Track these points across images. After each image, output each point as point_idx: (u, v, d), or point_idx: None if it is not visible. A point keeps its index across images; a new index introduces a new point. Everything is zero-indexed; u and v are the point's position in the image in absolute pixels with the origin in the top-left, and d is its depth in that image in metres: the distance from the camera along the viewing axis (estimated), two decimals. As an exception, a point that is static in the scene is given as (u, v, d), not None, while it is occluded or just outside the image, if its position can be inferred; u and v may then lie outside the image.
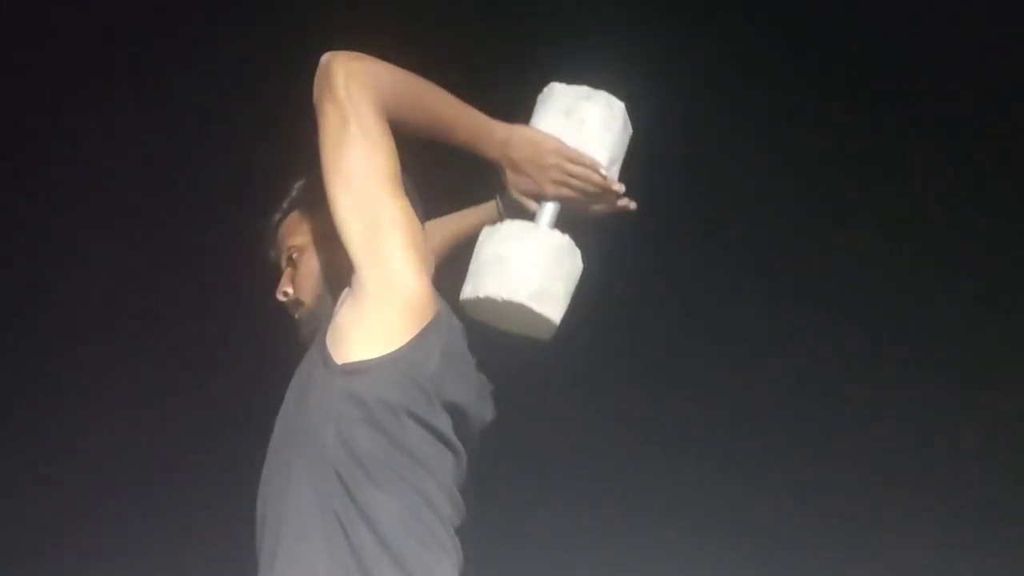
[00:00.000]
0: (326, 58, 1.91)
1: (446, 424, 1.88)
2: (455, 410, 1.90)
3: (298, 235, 2.07)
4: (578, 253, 1.96)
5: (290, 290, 2.06)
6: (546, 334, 1.95)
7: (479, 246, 1.95)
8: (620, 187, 2.03)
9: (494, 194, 2.12)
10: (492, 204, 2.14)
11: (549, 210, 2.00)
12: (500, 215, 2.08)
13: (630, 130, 2.05)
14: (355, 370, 1.82)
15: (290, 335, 2.06)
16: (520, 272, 1.90)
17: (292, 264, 2.07)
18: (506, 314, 1.92)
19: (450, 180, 2.06)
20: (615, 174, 2.03)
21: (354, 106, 1.87)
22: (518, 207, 2.01)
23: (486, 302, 1.91)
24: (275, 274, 2.10)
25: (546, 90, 2.03)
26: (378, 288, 1.84)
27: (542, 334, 1.95)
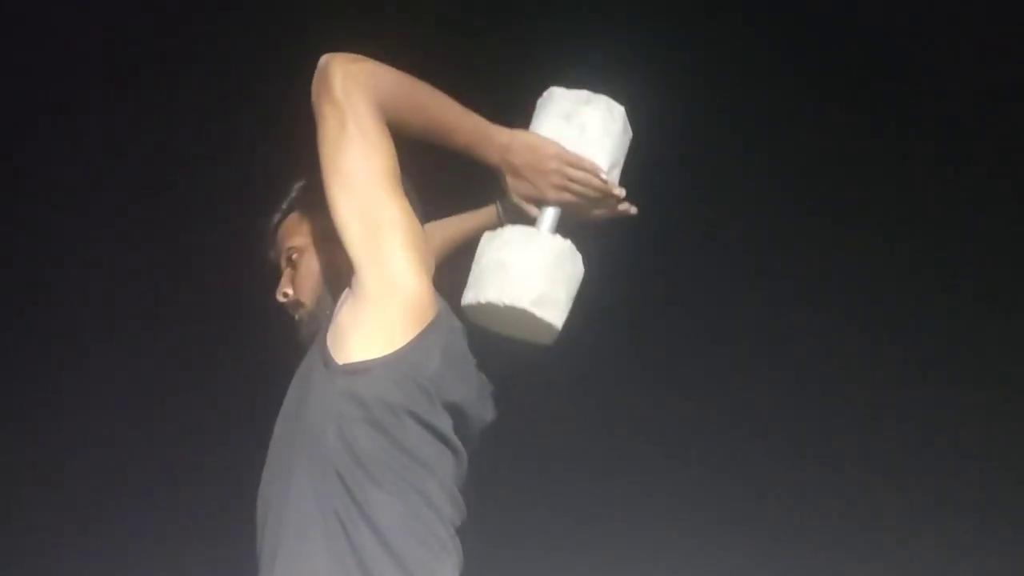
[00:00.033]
0: (324, 60, 1.91)
1: (446, 424, 1.88)
2: (455, 410, 1.90)
3: (298, 236, 2.07)
4: (579, 258, 1.96)
5: (290, 291, 2.06)
6: (548, 339, 1.95)
7: (480, 252, 1.94)
8: (621, 191, 2.02)
9: (494, 198, 2.12)
10: (492, 208, 2.14)
11: (550, 215, 1.99)
12: (500, 220, 2.07)
13: (630, 134, 2.04)
14: (356, 370, 1.82)
15: (290, 336, 2.06)
16: (522, 277, 1.89)
17: (292, 265, 2.07)
18: (508, 320, 1.91)
19: (449, 182, 2.06)
20: (616, 178, 2.02)
21: (352, 107, 1.87)
22: (518, 212, 2.01)
23: (488, 308, 1.90)
24: (275, 275, 2.10)
25: (546, 94, 2.03)
26: (378, 288, 1.84)
27: (544, 339, 1.95)
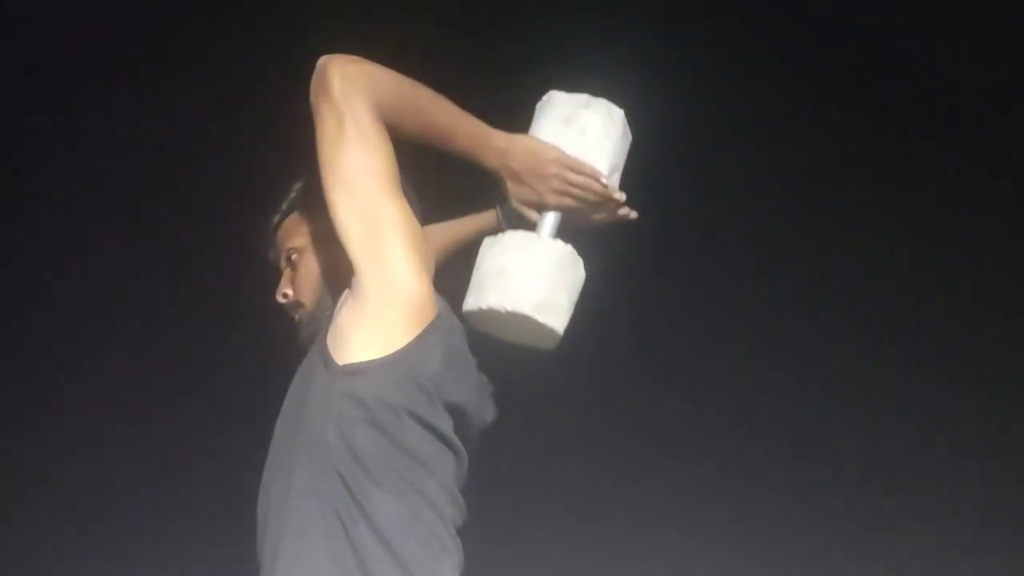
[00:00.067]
0: (322, 61, 1.91)
1: (447, 424, 1.89)
2: (456, 410, 1.90)
3: (297, 236, 2.07)
4: (580, 262, 1.95)
5: (290, 292, 2.06)
6: (550, 344, 1.94)
7: (480, 257, 1.94)
8: (621, 196, 2.02)
9: (493, 202, 2.11)
10: (491, 212, 2.14)
11: (550, 220, 1.98)
12: (500, 225, 2.07)
13: (630, 137, 2.04)
14: (356, 371, 1.82)
15: (290, 336, 2.06)
16: (523, 283, 1.89)
17: (291, 265, 2.07)
18: (509, 325, 1.91)
19: (448, 186, 2.05)
20: (616, 182, 2.02)
21: (350, 108, 1.87)
22: (518, 217, 2.00)
23: (489, 313, 1.90)
24: (275, 275, 2.10)
25: (545, 98, 2.02)
26: (378, 289, 1.84)
27: (546, 344, 1.94)
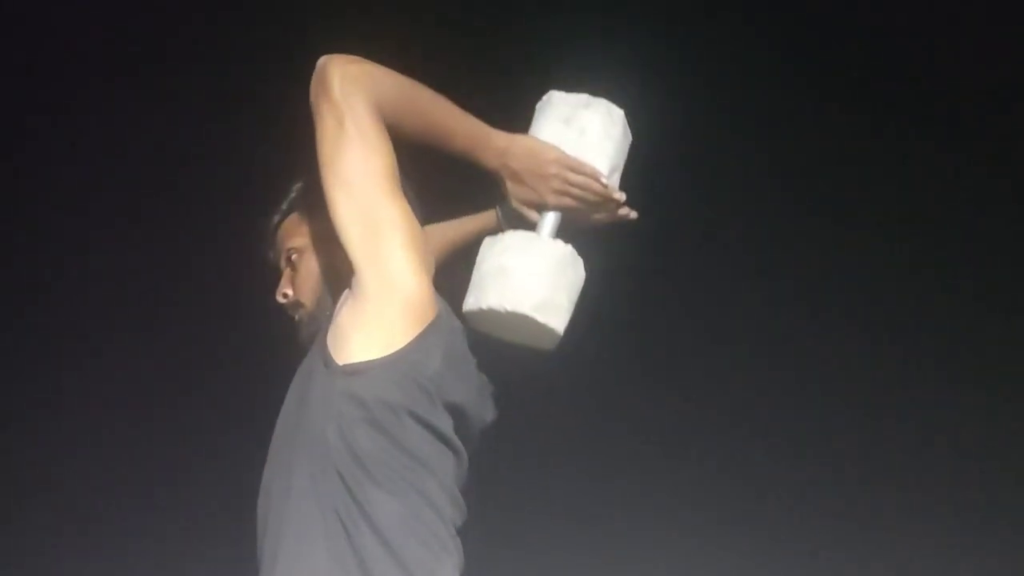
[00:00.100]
0: (322, 61, 1.91)
1: (447, 424, 1.88)
2: (456, 410, 1.90)
3: (297, 236, 2.07)
4: (580, 263, 1.95)
5: (290, 292, 2.06)
6: (550, 345, 1.94)
7: (480, 257, 1.94)
8: (621, 196, 2.01)
9: (493, 202, 2.11)
10: (491, 212, 2.14)
11: (550, 220, 1.98)
12: (500, 225, 2.07)
13: (630, 137, 2.03)
14: (356, 371, 1.82)
15: (290, 336, 2.06)
16: (523, 283, 1.88)
17: (291, 266, 2.07)
18: (509, 325, 1.91)
19: (448, 186, 2.05)
20: (616, 182, 2.01)
21: (350, 108, 1.87)
22: (518, 217, 2.00)
23: (489, 314, 1.90)
24: (275, 275, 2.10)
25: (545, 98, 2.02)
26: (378, 289, 1.84)
27: (545, 344, 1.94)
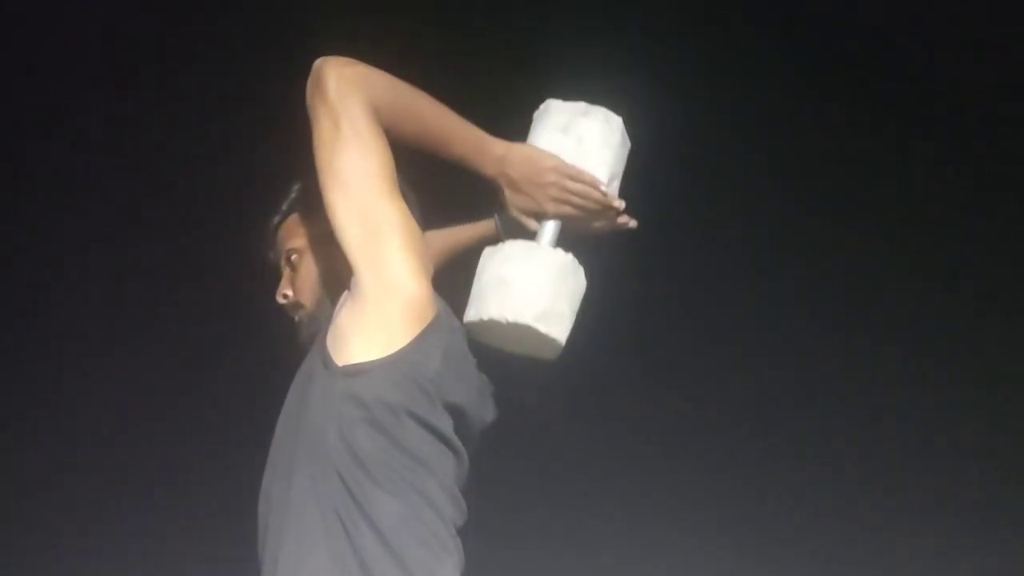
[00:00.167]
0: (318, 63, 1.91)
1: (447, 424, 1.88)
2: (456, 411, 1.90)
3: (297, 237, 2.07)
4: (581, 271, 1.94)
5: (290, 292, 2.05)
6: (552, 354, 1.93)
7: (481, 268, 1.93)
8: (620, 203, 2.01)
9: (491, 211, 2.10)
10: (489, 221, 2.13)
11: (550, 228, 1.97)
12: (499, 233, 2.06)
13: (628, 144, 2.02)
14: (356, 371, 1.82)
15: (290, 337, 2.06)
16: (524, 293, 1.88)
17: (291, 266, 2.07)
18: (511, 336, 1.90)
19: (448, 190, 2.05)
20: (615, 190, 2.01)
21: (346, 109, 1.87)
22: (517, 225, 1.99)
23: (490, 324, 1.89)
24: (274, 276, 2.10)
25: (542, 107, 2.01)
26: (377, 290, 1.84)
27: (547, 354, 1.94)
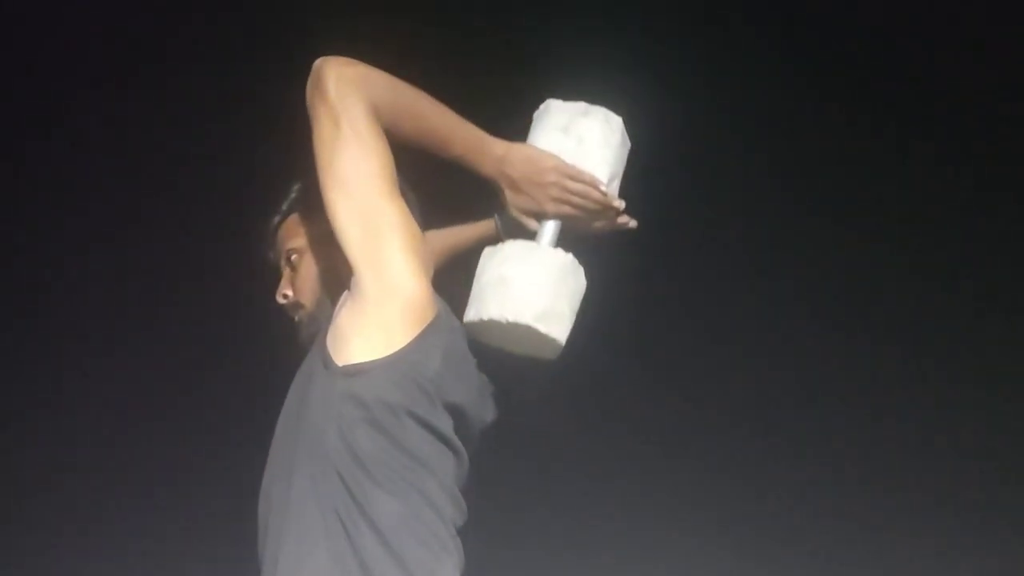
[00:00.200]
0: (318, 63, 1.91)
1: (447, 424, 1.88)
2: (456, 410, 1.90)
3: (297, 237, 2.07)
4: (581, 271, 1.94)
5: (290, 292, 2.06)
6: (552, 354, 1.93)
7: (481, 268, 1.93)
8: (620, 203, 2.01)
9: (491, 211, 2.10)
10: (489, 221, 2.13)
11: (550, 228, 1.97)
12: (499, 233, 2.06)
13: (628, 144, 2.02)
14: (356, 371, 1.82)
15: (290, 337, 2.06)
16: (524, 293, 1.88)
17: (291, 266, 2.07)
18: (511, 336, 1.90)
19: (448, 190, 2.05)
20: (615, 190, 2.00)
21: (346, 109, 1.87)
22: (517, 225, 1.99)
23: (490, 325, 1.89)
24: (275, 276, 2.10)
25: (543, 107, 2.01)
26: (377, 290, 1.84)
27: (547, 354, 1.93)
